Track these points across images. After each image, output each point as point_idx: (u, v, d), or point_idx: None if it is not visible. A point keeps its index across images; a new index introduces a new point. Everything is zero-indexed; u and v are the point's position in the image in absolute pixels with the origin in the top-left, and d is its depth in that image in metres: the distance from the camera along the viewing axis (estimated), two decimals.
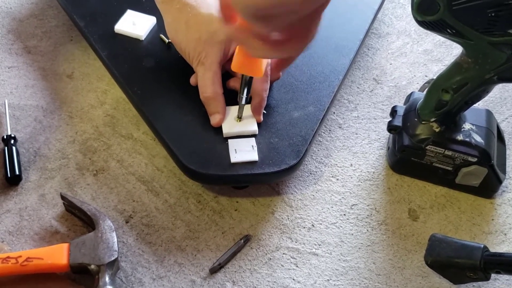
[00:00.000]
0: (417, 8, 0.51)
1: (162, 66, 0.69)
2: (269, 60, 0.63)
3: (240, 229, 0.61)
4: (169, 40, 0.69)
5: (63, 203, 0.61)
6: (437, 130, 0.61)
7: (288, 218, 0.62)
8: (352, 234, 0.62)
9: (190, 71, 0.66)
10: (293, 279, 0.58)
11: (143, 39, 0.71)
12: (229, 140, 0.62)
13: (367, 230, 0.62)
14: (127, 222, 0.61)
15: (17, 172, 0.63)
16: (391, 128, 0.64)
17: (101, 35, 0.72)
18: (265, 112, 0.65)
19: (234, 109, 0.64)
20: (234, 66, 0.53)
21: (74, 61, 0.76)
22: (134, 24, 0.72)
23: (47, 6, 0.84)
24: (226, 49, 0.62)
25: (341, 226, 0.62)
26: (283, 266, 0.59)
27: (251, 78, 0.59)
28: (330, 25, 0.75)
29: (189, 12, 0.63)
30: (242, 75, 0.59)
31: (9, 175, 0.63)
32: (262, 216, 0.62)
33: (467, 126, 0.62)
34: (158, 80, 0.68)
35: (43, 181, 0.64)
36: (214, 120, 0.63)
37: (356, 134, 0.70)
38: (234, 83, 0.65)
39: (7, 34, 0.80)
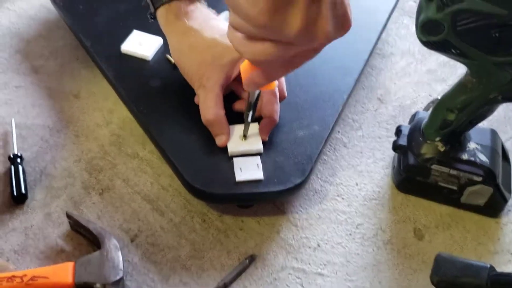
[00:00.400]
0: (422, 28, 0.52)
1: (168, 86, 0.70)
2: (277, 82, 0.63)
3: (245, 249, 0.61)
4: None
5: (69, 222, 0.62)
6: (442, 149, 0.61)
7: (294, 238, 0.62)
8: (358, 254, 0.61)
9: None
10: None
11: (149, 59, 0.72)
12: (234, 159, 0.62)
13: (373, 249, 0.62)
14: (132, 241, 0.61)
15: (23, 191, 0.63)
16: (396, 147, 0.65)
17: (108, 55, 0.72)
18: None
19: (238, 128, 0.64)
20: (246, 85, 0.54)
21: (81, 80, 0.77)
22: (141, 45, 0.73)
23: (54, 27, 0.85)
24: (229, 72, 0.63)
25: (347, 246, 0.62)
26: (288, 286, 0.59)
27: (258, 95, 0.59)
28: (335, 46, 0.75)
29: (193, 36, 0.64)
30: (249, 93, 0.59)
31: (15, 194, 0.63)
32: (267, 235, 0.62)
33: (472, 145, 0.62)
34: (164, 99, 0.68)
35: (49, 200, 0.64)
36: (219, 141, 0.63)
37: (361, 153, 0.71)
38: (239, 106, 0.66)
39: (15, 54, 0.81)
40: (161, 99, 0.68)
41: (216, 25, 0.65)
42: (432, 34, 0.52)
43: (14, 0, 0.90)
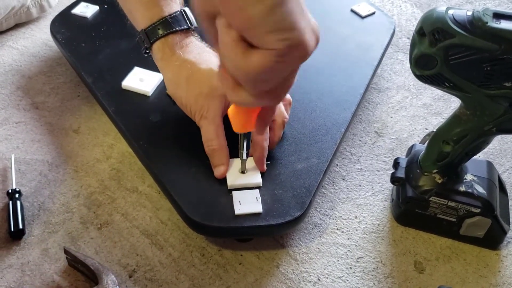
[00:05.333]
0: (415, 63, 0.53)
1: (168, 121, 0.70)
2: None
3: (244, 284, 0.60)
4: None
5: (66, 258, 0.61)
6: (439, 181, 0.61)
7: (294, 272, 0.62)
8: None
9: (195, 125, 0.67)
10: None
11: (150, 94, 0.73)
12: (233, 192, 0.62)
13: (374, 283, 0.61)
14: (130, 276, 0.61)
15: (20, 227, 0.63)
16: (394, 180, 0.65)
17: (109, 91, 0.74)
18: (268, 162, 0.65)
19: (237, 161, 0.64)
20: (236, 128, 0.54)
21: (81, 116, 0.78)
22: (141, 81, 0.74)
23: (55, 64, 0.86)
24: (226, 102, 0.64)
25: (348, 280, 0.61)
26: None
27: (249, 133, 0.59)
28: (332, 81, 0.78)
29: (189, 68, 0.65)
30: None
31: (12, 230, 0.63)
32: (266, 270, 0.62)
33: (469, 177, 0.62)
34: (164, 134, 0.69)
35: (47, 235, 0.64)
36: (218, 172, 0.63)
37: (360, 186, 0.71)
38: None
39: (16, 90, 0.82)
40: (161, 133, 0.69)
41: (209, 57, 0.66)
42: (426, 68, 0.53)
43: (17, 38, 0.92)
